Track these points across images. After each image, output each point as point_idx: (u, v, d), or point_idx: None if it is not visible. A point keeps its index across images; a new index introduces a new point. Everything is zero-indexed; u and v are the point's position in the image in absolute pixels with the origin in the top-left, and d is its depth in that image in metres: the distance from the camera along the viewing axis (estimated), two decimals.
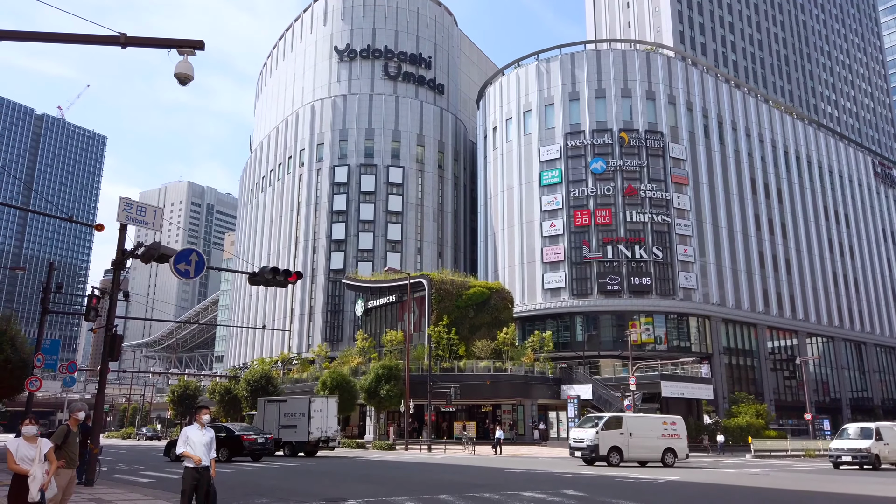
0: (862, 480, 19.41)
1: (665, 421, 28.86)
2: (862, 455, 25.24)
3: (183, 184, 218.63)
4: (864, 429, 27.09)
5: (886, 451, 26.14)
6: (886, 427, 27.20)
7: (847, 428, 28.35)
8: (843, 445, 26.32)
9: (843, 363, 71.27)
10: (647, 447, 27.08)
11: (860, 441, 25.98)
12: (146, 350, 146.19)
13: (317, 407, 32.61)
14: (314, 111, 78.00)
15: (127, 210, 16.69)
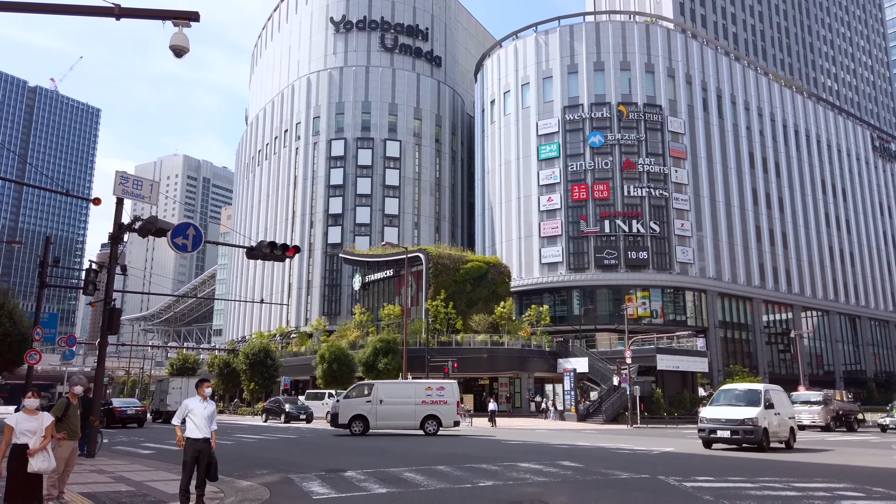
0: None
1: (430, 387, 26.70)
2: (745, 429, 18.60)
3: (179, 157, 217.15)
4: (749, 391, 20.58)
5: (776, 423, 19.84)
6: (776, 391, 21.23)
7: (725, 390, 21.81)
8: (718, 414, 19.49)
9: (837, 336, 71.84)
10: (401, 415, 25.74)
11: (742, 409, 19.34)
12: (144, 324, 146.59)
13: (175, 385, 42.45)
14: (310, 84, 77.22)
15: (123, 184, 16.60)
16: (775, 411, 19.81)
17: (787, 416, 20.86)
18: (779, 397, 20.81)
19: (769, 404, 19.62)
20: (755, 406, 19.18)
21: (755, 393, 20.10)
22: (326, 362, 44.90)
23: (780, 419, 20.03)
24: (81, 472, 12.38)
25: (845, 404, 38.95)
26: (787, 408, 21.32)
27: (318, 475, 12.63)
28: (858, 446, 22.75)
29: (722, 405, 20.17)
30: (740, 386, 22.02)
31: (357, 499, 9.85)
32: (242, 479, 11.87)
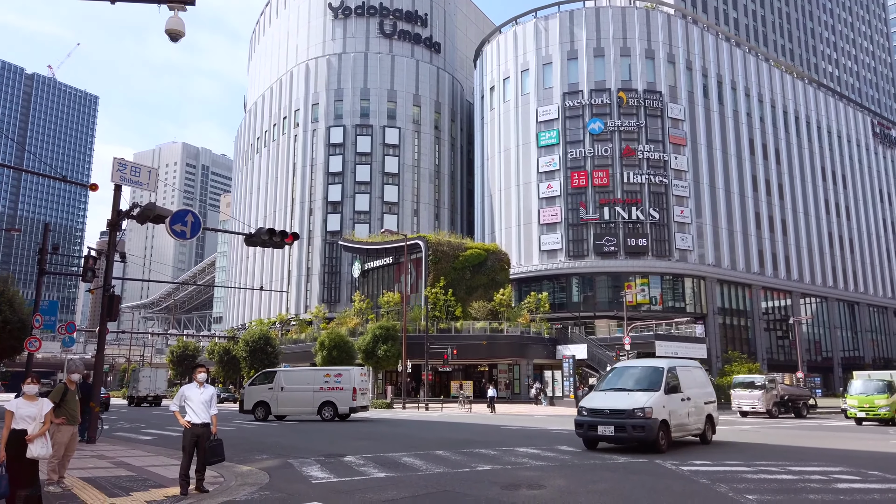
0: None
1: (328, 373, 26.96)
2: (633, 423, 13.58)
3: (177, 145, 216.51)
4: (646, 371, 15.36)
5: (684, 412, 14.96)
6: (687, 369, 16.35)
7: (617, 369, 16.29)
8: (601, 403, 14.50)
9: (835, 323, 72.00)
10: (299, 401, 26.18)
11: (634, 395, 14.30)
12: (144, 311, 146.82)
13: (145, 374, 48.81)
14: (308, 70, 76.82)
15: (121, 170, 16.56)
16: (683, 396, 14.92)
17: (704, 400, 16.08)
18: (690, 377, 16.01)
19: (672, 387, 14.70)
20: (652, 391, 14.23)
21: (654, 373, 14.98)
22: (326, 349, 45.01)
23: (692, 406, 15.21)
24: (82, 458, 12.45)
25: (794, 388, 37.11)
26: (701, 391, 16.22)
27: (318, 460, 12.71)
28: (787, 438, 22.81)
29: (609, 390, 15.06)
30: (637, 364, 16.52)
31: (356, 483, 9.91)
32: (242, 464, 11.95)
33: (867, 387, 28.22)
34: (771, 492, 9.09)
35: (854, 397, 28.25)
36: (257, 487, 9.46)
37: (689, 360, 19.18)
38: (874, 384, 28.26)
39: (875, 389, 27.75)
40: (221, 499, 8.55)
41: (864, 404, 27.42)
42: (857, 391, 28.45)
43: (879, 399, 27.19)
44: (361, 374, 27.50)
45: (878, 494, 9.01)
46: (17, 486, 7.21)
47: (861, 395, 28.00)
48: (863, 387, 28.50)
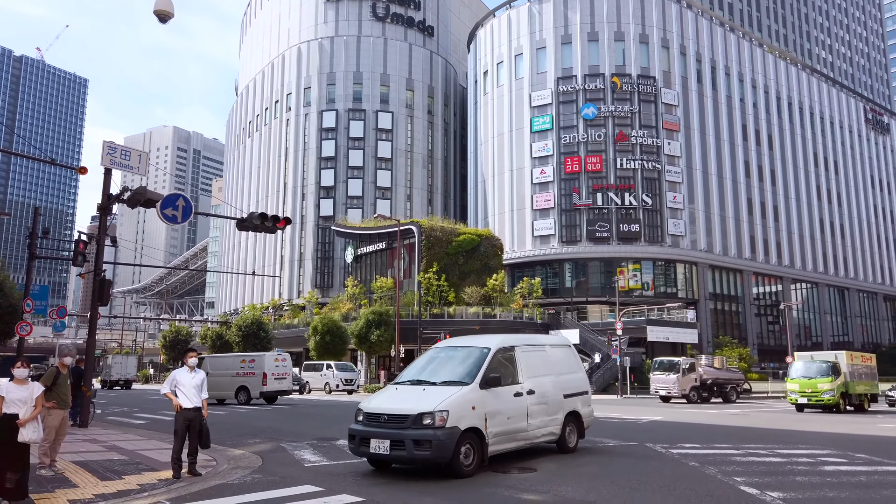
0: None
1: (244, 359, 27.93)
2: (414, 437, 8.68)
3: (168, 129, 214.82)
4: (463, 352, 10.40)
5: (519, 412, 10.07)
6: (530, 350, 11.08)
7: (432, 350, 11.21)
8: (381, 404, 9.59)
9: (825, 308, 72.58)
10: (221, 386, 26.83)
11: (430, 392, 9.42)
12: (136, 296, 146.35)
13: (117, 360, 54.45)
14: (300, 54, 76.17)
15: (111, 154, 16.41)
16: (519, 389, 10.02)
17: (564, 393, 11.04)
18: (542, 361, 10.99)
19: (493, 378, 9.50)
20: (461, 384, 9.37)
21: (473, 357, 10.01)
22: (319, 334, 45.04)
23: (537, 403, 10.27)
24: (74, 442, 12.45)
25: (720, 371, 34.19)
26: (560, 379, 11.14)
27: (310, 443, 12.76)
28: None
29: (405, 383, 10.09)
30: (458, 343, 11.13)
31: (349, 466, 9.96)
32: (235, 448, 11.98)
33: (809, 369, 26.03)
34: (759, 474, 9.20)
35: (795, 381, 26.03)
36: (250, 471, 9.49)
37: (551, 336, 13.13)
38: (817, 366, 26.02)
39: (818, 372, 25.63)
40: (214, 482, 8.58)
41: (805, 388, 25.41)
42: (799, 374, 26.18)
43: (823, 383, 25.13)
44: (276, 359, 27.96)
45: (865, 477, 9.13)
46: (8, 470, 7.21)
47: (803, 378, 25.78)
48: (804, 369, 26.22)
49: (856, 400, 26.73)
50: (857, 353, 28.92)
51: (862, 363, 28.15)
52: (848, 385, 25.93)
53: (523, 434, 10.10)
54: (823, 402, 25.06)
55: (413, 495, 7.68)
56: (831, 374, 25.35)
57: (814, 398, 25.15)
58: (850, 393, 26.12)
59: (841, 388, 25.42)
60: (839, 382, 25.32)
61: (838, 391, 25.16)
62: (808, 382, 25.42)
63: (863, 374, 27.66)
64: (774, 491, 7.88)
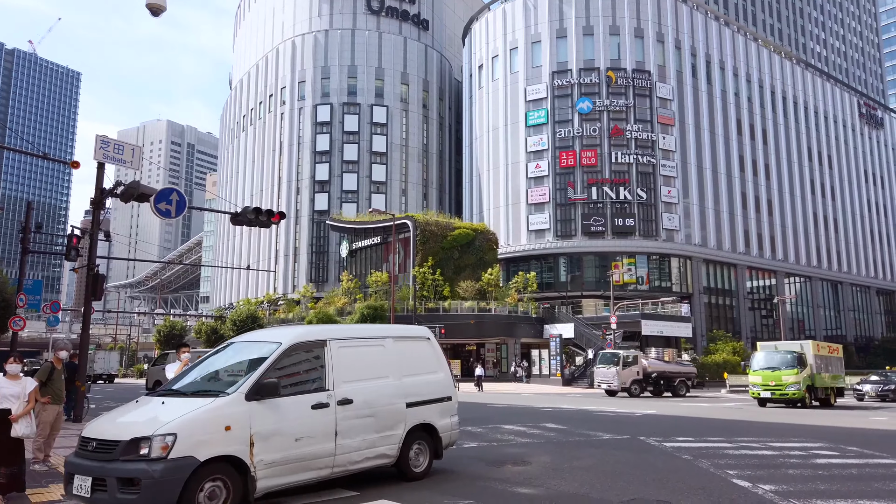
0: None
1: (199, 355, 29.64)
2: (121, 475, 5.90)
3: (162, 122, 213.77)
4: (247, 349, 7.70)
5: (319, 430, 7.16)
6: (361, 343, 8.34)
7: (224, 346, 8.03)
8: (101, 427, 6.53)
9: (819, 302, 72.92)
10: (159, 375, 28.33)
11: (168, 406, 6.57)
12: (131, 291, 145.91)
13: (100, 356, 56.31)
14: (295, 47, 75.85)
15: (104, 148, 16.34)
16: (323, 400, 7.41)
17: (407, 401, 8.38)
18: (368, 359, 8.24)
19: (266, 385, 6.80)
20: (216, 394, 6.79)
21: (254, 356, 7.43)
22: None
23: (358, 417, 7.66)
24: (68, 436, 12.43)
25: (669, 365, 33.35)
26: (402, 383, 8.49)
27: None
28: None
29: (165, 393, 7.32)
30: (248, 339, 8.33)
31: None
32: None
33: (773, 360, 23.98)
34: (751, 467, 9.26)
35: (757, 373, 24.02)
36: None
37: (401, 326, 10.69)
38: (781, 357, 23.95)
39: (782, 363, 23.57)
40: None
41: (769, 381, 23.40)
42: (761, 365, 24.16)
43: (788, 375, 23.15)
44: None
45: (856, 469, 9.20)
46: (1, 465, 7.20)
47: (766, 370, 23.79)
48: (767, 360, 24.18)
49: (822, 394, 24.87)
50: (823, 344, 27.22)
51: (829, 354, 26.45)
52: (814, 378, 24.16)
53: (327, 460, 7.17)
54: (788, 397, 23.23)
55: (405, 489, 7.69)
56: (797, 366, 23.37)
57: (778, 392, 23.23)
58: (817, 386, 24.38)
59: (807, 381, 23.56)
60: (805, 375, 23.50)
61: (804, 384, 23.25)
62: (772, 375, 23.41)
63: (829, 366, 26.00)
64: (766, 484, 7.94)
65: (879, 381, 30.23)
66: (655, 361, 32.94)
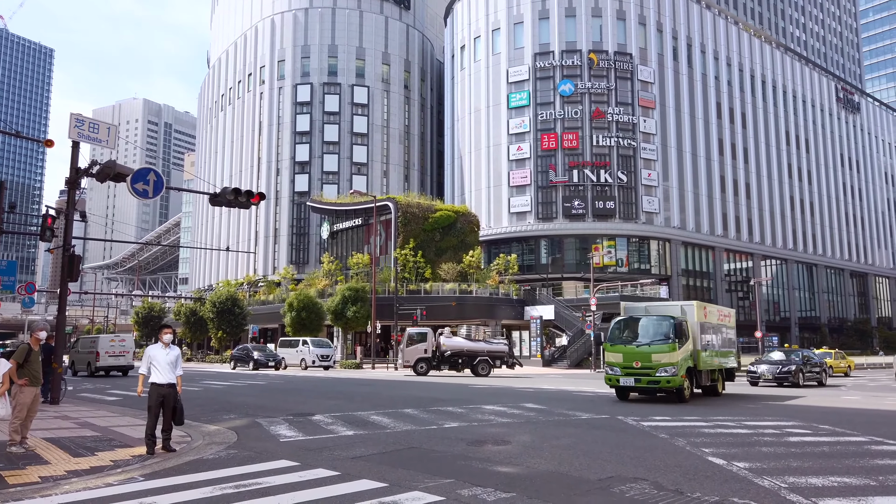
0: None
1: (112, 339, 33.84)
2: None
3: (138, 101, 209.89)
4: None
5: None
6: None
7: None
8: None
9: (794, 284, 74.17)
10: (81, 360, 32.70)
11: None
12: (108, 272, 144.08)
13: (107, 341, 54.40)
14: (274, 25, 74.69)
15: (78, 126, 16.02)
16: None
17: None
18: None
19: None
20: None
21: None
22: (295, 310, 44.86)
23: None
24: (45, 419, 12.32)
25: (474, 343, 31.53)
26: None
27: (286, 419, 12.77)
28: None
29: None
30: None
31: (325, 441, 10.00)
32: (210, 424, 11.95)
33: (639, 330, 16.53)
34: (726, 445, 9.45)
35: (617, 349, 16.36)
36: (225, 446, 9.48)
37: None
38: (653, 325, 16.33)
39: (654, 334, 16.05)
40: (189, 458, 8.56)
41: (632, 362, 15.91)
42: (622, 338, 16.66)
43: (660, 353, 15.63)
44: (112, 340, 33.16)
45: (828, 447, 9.42)
46: None
47: (630, 345, 16.22)
48: (631, 329, 16.77)
49: (706, 379, 17.69)
50: (712, 306, 19.33)
51: (719, 321, 19.04)
52: (698, 357, 16.90)
53: None
54: (660, 385, 15.70)
55: (387, 468, 7.76)
56: (673, 339, 15.74)
57: (645, 378, 15.73)
58: (701, 369, 17.10)
59: (687, 362, 16.26)
60: (685, 352, 16.10)
61: (683, 367, 15.85)
62: (637, 352, 15.91)
63: (719, 340, 18.86)
64: (741, 461, 8.10)
65: (779, 361, 24.93)
66: (453, 340, 31.81)
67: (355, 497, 6.32)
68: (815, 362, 25.73)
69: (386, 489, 6.64)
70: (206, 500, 6.25)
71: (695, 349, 16.93)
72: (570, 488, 6.71)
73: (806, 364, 24.86)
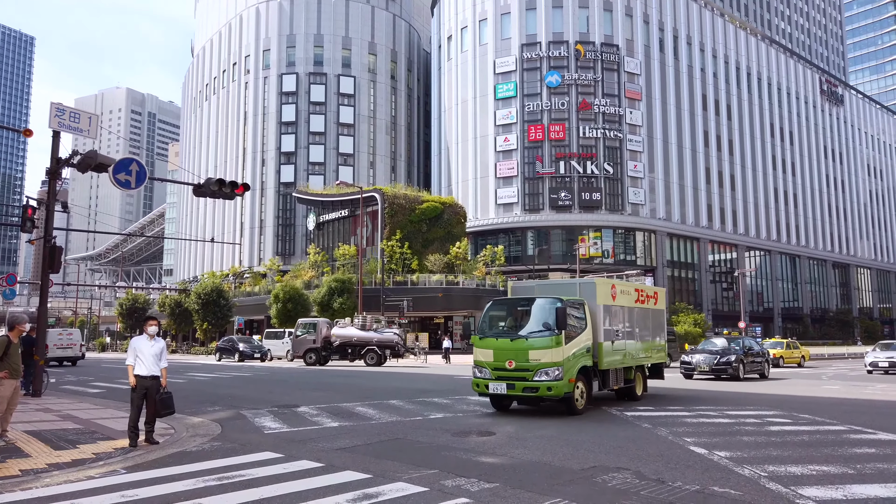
0: None
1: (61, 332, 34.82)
2: None
3: (121, 90, 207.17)
4: None
5: None
6: None
7: None
8: None
9: (777, 275, 74.94)
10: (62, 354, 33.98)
11: None
12: (91, 263, 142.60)
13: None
14: (259, 14, 73.95)
15: (59, 116, 15.79)
16: None
17: None
18: None
19: None
20: None
21: None
22: (281, 302, 44.72)
23: None
24: (27, 411, 12.20)
25: (359, 333, 31.08)
26: None
27: (271, 411, 12.74)
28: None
29: None
30: None
31: (309, 432, 9.99)
32: (194, 416, 11.90)
33: (518, 317, 12.40)
34: (708, 434, 9.55)
35: (487, 343, 11.96)
36: (209, 438, 9.44)
37: None
38: (536, 312, 11.91)
39: (533, 325, 11.76)
40: (172, 450, 8.52)
41: (504, 361, 11.57)
42: (497, 330, 12.31)
43: (539, 349, 11.31)
44: (61, 334, 35.31)
45: (807, 436, 9.55)
46: None
47: (503, 338, 11.87)
48: (510, 315, 12.60)
49: (617, 380, 13.34)
50: (627, 284, 14.97)
51: (638, 303, 14.41)
52: (601, 352, 12.44)
53: None
54: (538, 393, 11.24)
55: (371, 460, 7.77)
56: (556, 330, 11.34)
57: (521, 385, 11.36)
58: (606, 368, 12.66)
59: (583, 360, 11.91)
60: (578, 347, 11.82)
61: (572, 367, 11.51)
62: (511, 348, 11.59)
63: (640, 329, 14.44)
64: (722, 451, 8.20)
65: (717, 350, 22.47)
66: (345, 329, 31.63)
67: (339, 488, 6.32)
68: (756, 351, 23.52)
69: (370, 480, 6.65)
70: (188, 492, 6.23)
71: (595, 342, 12.41)
72: (553, 478, 6.76)
73: (748, 354, 22.59)
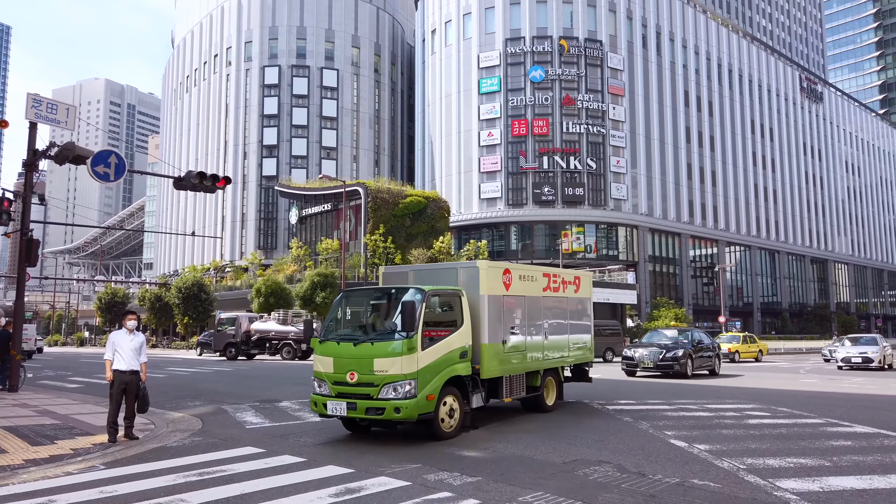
0: None
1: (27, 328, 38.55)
2: None
3: (100, 81, 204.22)
4: None
5: None
6: None
7: None
8: None
9: (757, 270, 75.86)
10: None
11: None
12: (69, 257, 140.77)
13: None
14: (241, 5, 73.15)
15: (36, 107, 15.53)
16: None
17: None
18: None
19: None
20: None
21: None
22: (263, 296, 44.45)
23: None
24: (3, 407, 12.03)
25: (283, 327, 31.27)
26: None
27: (252, 405, 12.68)
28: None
29: None
30: None
31: (291, 427, 9.96)
32: (174, 411, 11.80)
33: (370, 313, 9.60)
34: (688, 427, 9.65)
35: (327, 349, 8.78)
36: (189, 434, 9.37)
37: None
38: (393, 308, 9.00)
39: (386, 325, 8.97)
40: (152, 445, 8.45)
41: (345, 372, 8.44)
42: (339, 333, 9.11)
43: (384, 358, 8.23)
44: None
45: (785, 429, 9.69)
46: None
47: (346, 342, 8.70)
48: (353, 313, 9.70)
49: (514, 390, 10.39)
50: (532, 269, 11.52)
51: (547, 292, 11.38)
52: (484, 355, 9.50)
53: None
54: (384, 417, 8.22)
55: (354, 455, 7.75)
56: (405, 332, 8.32)
57: (364, 403, 8.33)
58: (494, 375, 9.80)
59: (451, 369, 8.85)
60: (446, 351, 8.84)
61: (437, 378, 8.56)
62: (354, 355, 8.52)
63: (549, 324, 11.34)
64: (702, 444, 8.29)
65: (664, 345, 20.45)
66: (264, 324, 32.26)
67: (321, 483, 6.30)
68: (706, 345, 21.49)
69: (352, 475, 6.63)
70: (168, 488, 6.17)
71: (477, 343, 9.48)
72: (536, 472, 6.79)
73: (697, 349, 20.61)
